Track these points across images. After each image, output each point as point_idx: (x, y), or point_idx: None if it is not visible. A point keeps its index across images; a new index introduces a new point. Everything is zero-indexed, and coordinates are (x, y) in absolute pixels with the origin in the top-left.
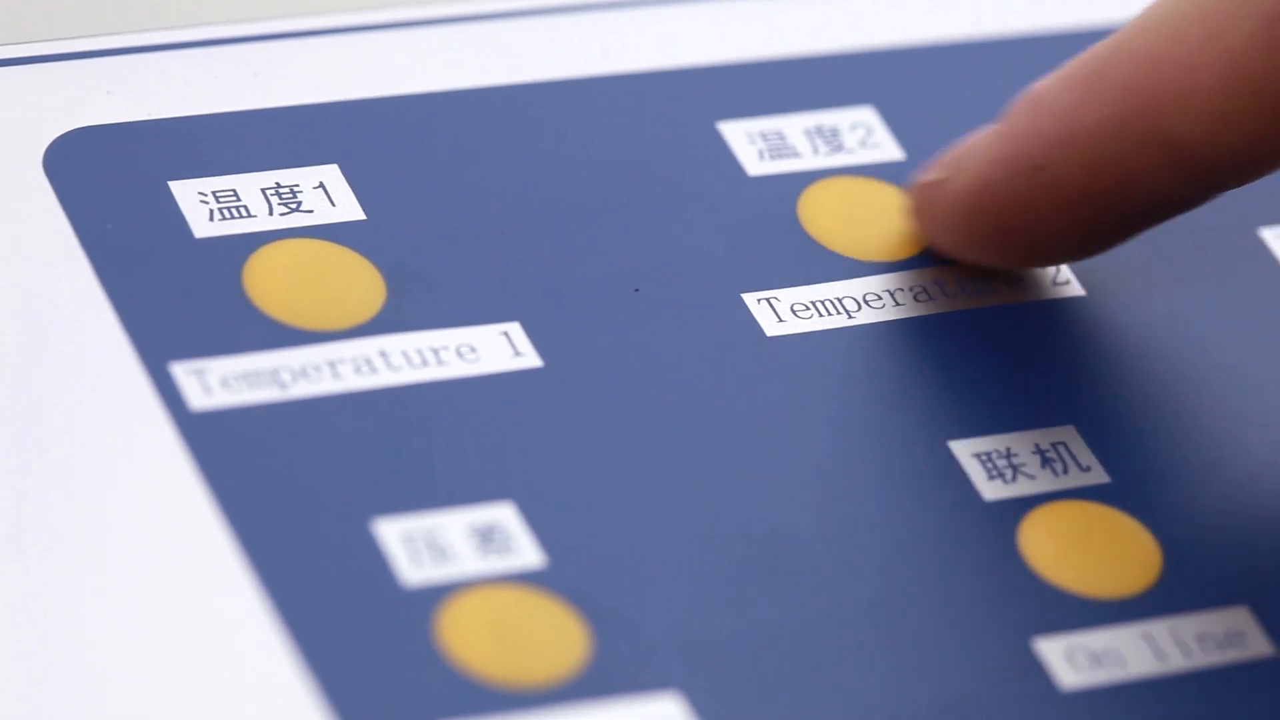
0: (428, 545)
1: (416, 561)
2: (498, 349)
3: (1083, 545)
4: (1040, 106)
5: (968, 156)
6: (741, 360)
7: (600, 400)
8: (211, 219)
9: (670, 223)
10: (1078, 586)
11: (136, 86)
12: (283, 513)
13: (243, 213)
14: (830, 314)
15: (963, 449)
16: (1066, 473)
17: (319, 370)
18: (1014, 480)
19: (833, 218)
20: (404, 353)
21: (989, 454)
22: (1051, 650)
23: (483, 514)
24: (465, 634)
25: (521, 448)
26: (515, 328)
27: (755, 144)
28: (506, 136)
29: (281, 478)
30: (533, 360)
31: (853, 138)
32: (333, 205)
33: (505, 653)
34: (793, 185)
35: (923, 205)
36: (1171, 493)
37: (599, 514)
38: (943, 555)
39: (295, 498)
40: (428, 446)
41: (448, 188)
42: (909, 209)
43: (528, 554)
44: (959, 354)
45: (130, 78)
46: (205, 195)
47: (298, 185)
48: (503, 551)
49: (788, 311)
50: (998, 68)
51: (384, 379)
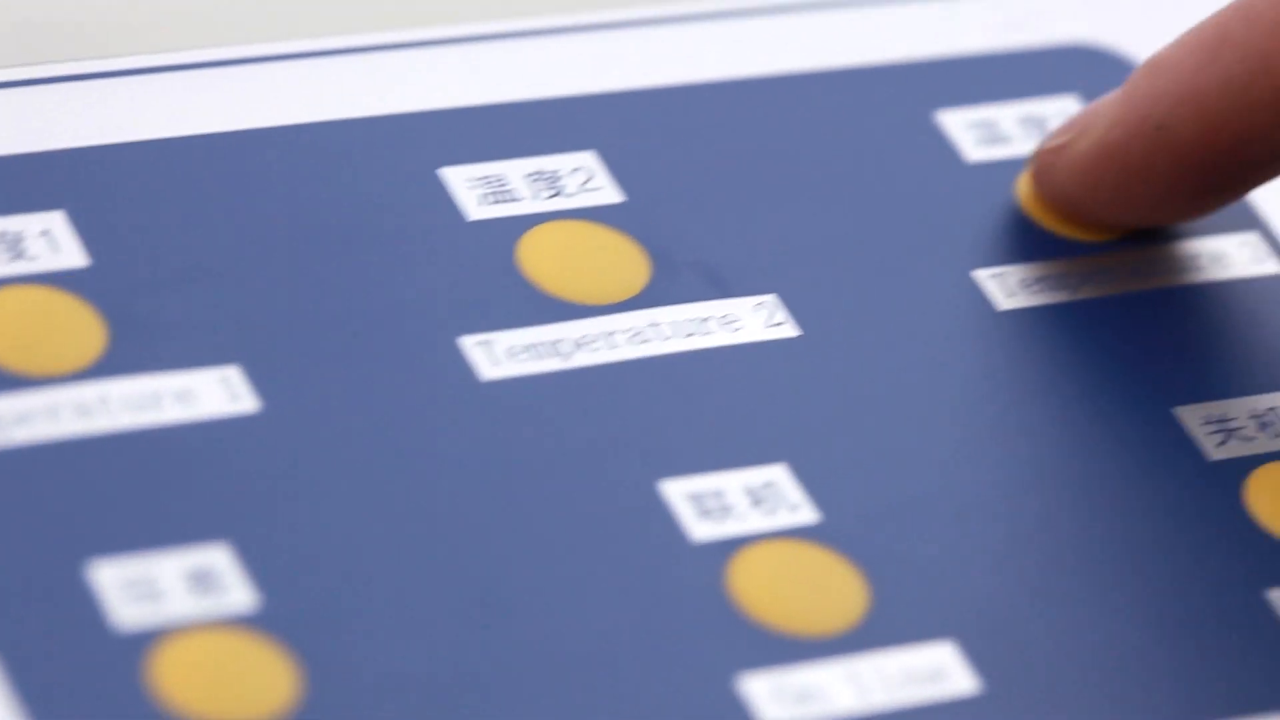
0: (141, 588)
1: (129, 604)
2: (216, 393)
3: (791, 584)
4: (1161, 69)
5: (1090, 121)
6: (456, 403)
7: (318, 443)
8: None
9: (390, 267)
10: (785, 624)
11: None
12: None
13: None
14: (547, 357)
15: (674, 489)
16: (776, 512)
17: (37, 416)
18: (724, 519)
19: (551, 261)
20: (124, 398)
21: (700, 494)
22: (756, 688)
23: (197, 556)
24: (177, 677)
25: (238, 490)
26: (235, 371)
27: (476, 189)
28: (231, 181)
29: None
30: (250, 404)
31: (573, 182)
32: (56, 251)
33: (216, 695)
34: (512, 229)
35: (1045, 170)
36: (880, 531)
37: (317, 555)
38: (648, 595)
39: (9, 541)
40: (145, 490)
41: (172, 232)
42: (1031, 174)
43: (242, 596)
44: (670, 396)
45: None
46: None
47: (22, 233)
48: (217, 594)
49: (504, 355)
50: (717, 111)
51: (101, 424)
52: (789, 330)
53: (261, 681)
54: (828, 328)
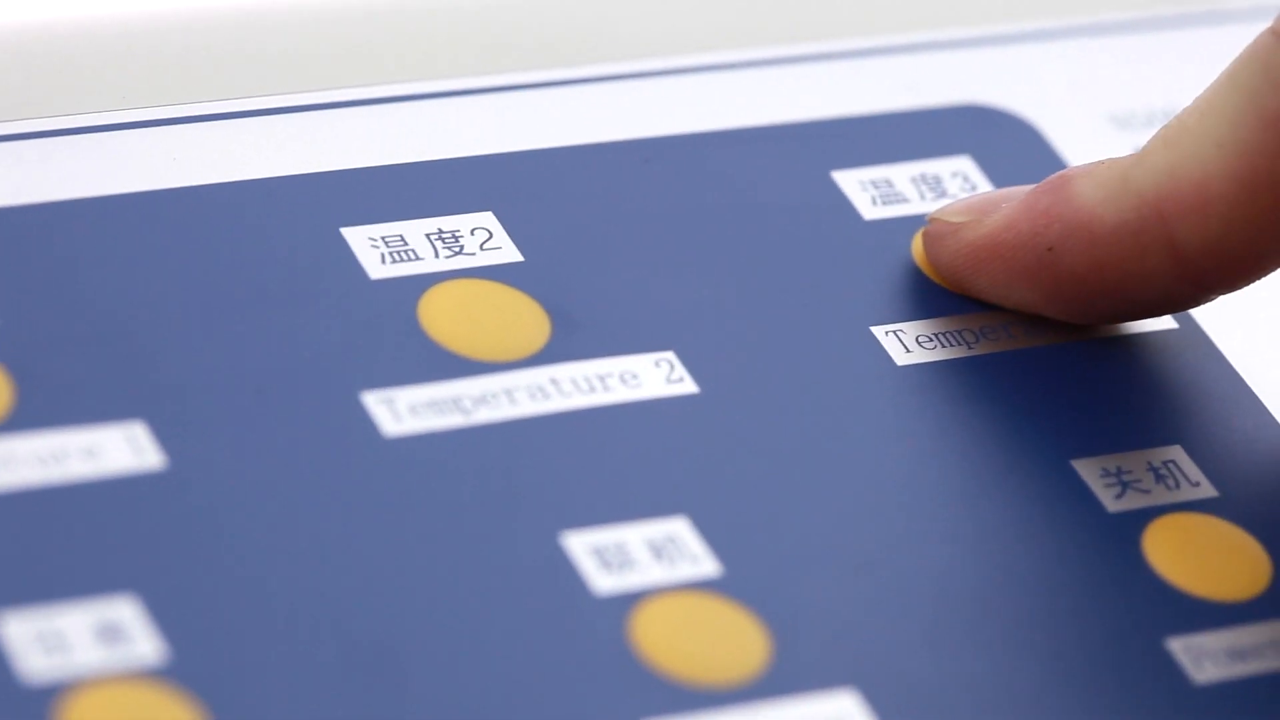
0: (49, 640)
1: (38, 656)
2: (122, 449)
3: (693, 635)
4: (1066, 194)
5: (989, 211)
6: (360, 459)
7: (223, 498)
8: None
9: (294, 325)
10: (688, 675)
11: None
12: None
13: None
14: (449, 413)
15: (576, 541)
16: (677, 564)
17: None
18: (627, 571)
19: (452, 319)
20: (31, 453)
21: (602, 547)
22: None
23: (105, 609)
24: None
25: (144, 544)
26: (140, 428)
27: (378, 247)
28: (136, 241)
29: None
30: (156, 460)
31: (473, 241)
32: None
33: None
34: (413, 288)
35: (934, 241)
36: (781, 582)
37: (222, 608)
38: (552, 646)
39: None
40: (52, 544)
41: (78, 291)
42: (923, 237)
43: (149, 647)
44: (571, 451)
45: None
46: None
47: None
48: (124, 645)
49: (406, 411)
50: (614, 171)
51: (7, 479)
52: (688, 386)
53: None
54: (727, 384)
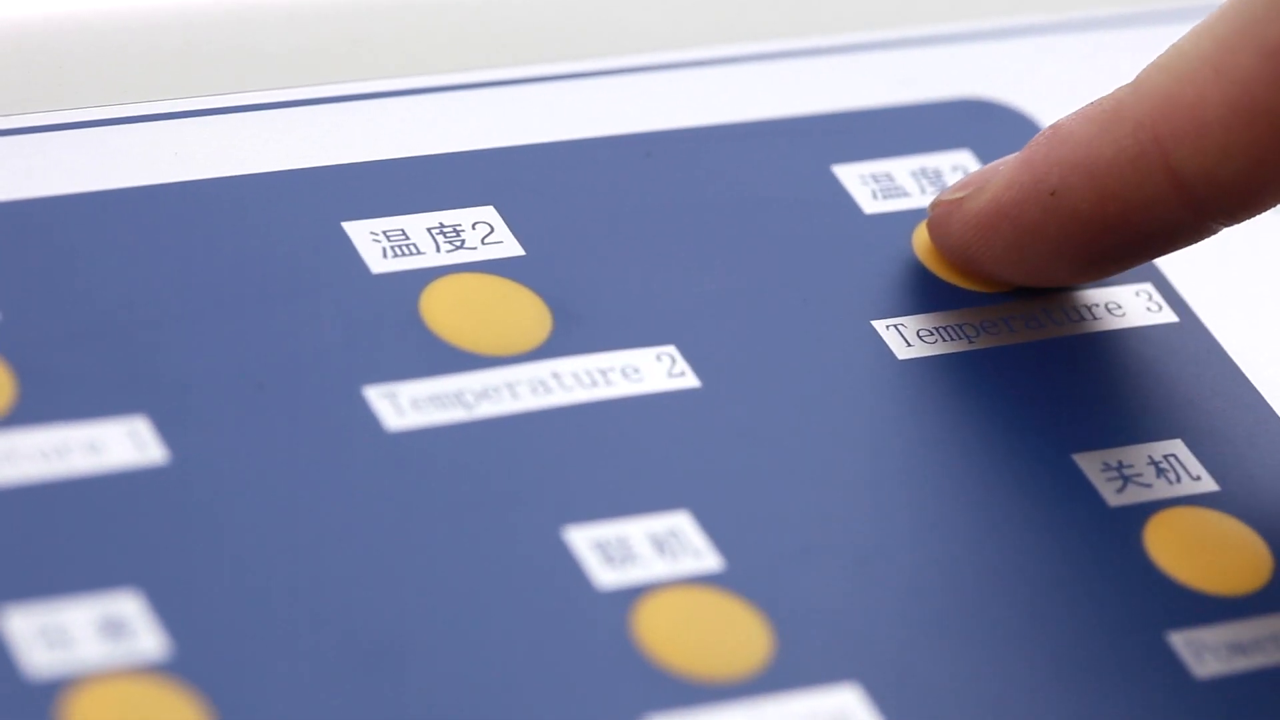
0: (52, 635)
1: (41, 651)
2: (124, 444)
3: (695, 629)
4: (1059, 137)
5: (988, 178)
6: (362, 453)
7: (226, 493)
8: None
9: (296, 320)
10: (690, 669)
11: None
12: None
13: None
14: (451, 408)
15: (579, 536)
16: (680, 559)
17: None
18: (629, 566)
19: (454, 313)
20: (34, 448)
21: (605, 541)
22: None
23: (108, 604)
24: None
25: (147, 539)
26: (143, 423)
27: (379, 242)
28: (138, 236)
29: None
30: (158, 455)
31: (474, 235)
32: None
33: None
34: (415, 282)
35: (940, 222)
36: (783, 577)
37: (225, 602)
38: (554, 641)
39: None
40: (55, 539)
41: (81, 286)
42: (928, 224)
43: (152, 642)
44: (573, 445)
45: None
46: None
47: None
48: (128, 640)
49: (408, 405)
50: (615, 165)
51: (10, 474)
52: (690, 380)
53: None
54: (729, 378)
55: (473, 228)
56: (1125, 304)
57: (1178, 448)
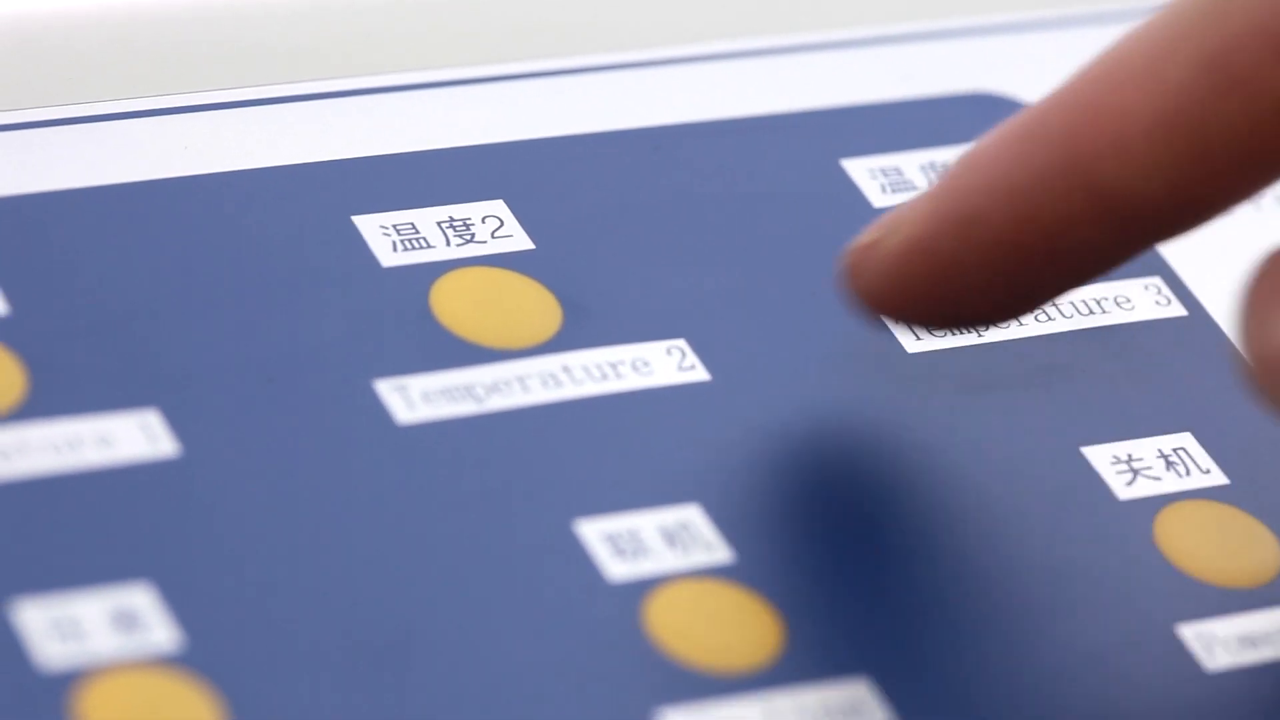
0: (65, 627)
1: (53, 643)
2: (135, 437)
3: (706, 621)
4: (975, 161)
5: (901, 217)
6: (373, 446)
7: (237, 486)
8: None
9: (306, 313)
10: (701, 661)
11: None
12: None
13: None
14: (461, 401)
15: (589, 529)
16: (691, 552)
17: None
18: (640, 559)
19: (464, 307)
20: (44, 441)
21: (615, 534)
22: None
23: (120, 596)
24: (101, 716)
25: (159, 531)
26: (154, 415)
27: (389, 235)
28: (148, 229)
29: None
30: (170, 448)
31: (484, 229)
32: None
33: None
34: (425, 275)
35: (854, 269)
36: (793, 570)
37: (237, 596)
38: (566, 634)
39: None
40: (67, 531)
41: (91, 279)
42: (843, 272)
43: (164, 635)
44: (584, 439)
45: None
46: None
47: None
48: (140, 633)
49: (419, 399)
50: (624, 159)
51: (22, 467)
52: (700, 374)
53: (185, 719)
54: (739, 371)
55: (483, 221)
56: (1134, 298)
57: (1187, 441)
